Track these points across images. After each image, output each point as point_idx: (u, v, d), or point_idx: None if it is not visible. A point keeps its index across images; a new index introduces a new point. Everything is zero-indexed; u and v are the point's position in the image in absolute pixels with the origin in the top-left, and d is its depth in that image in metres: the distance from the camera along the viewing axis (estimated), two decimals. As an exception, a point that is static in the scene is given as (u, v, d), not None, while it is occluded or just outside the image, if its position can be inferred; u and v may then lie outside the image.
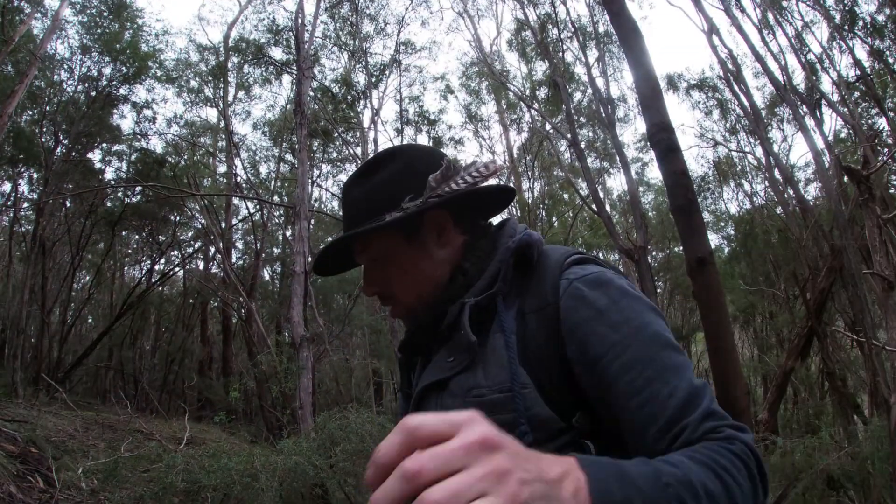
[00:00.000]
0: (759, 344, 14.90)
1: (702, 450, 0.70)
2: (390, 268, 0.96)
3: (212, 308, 16.78)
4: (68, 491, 4.71)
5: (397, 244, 0.94)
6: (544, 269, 0.90)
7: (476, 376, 0.87)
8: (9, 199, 14.07)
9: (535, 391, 0.83)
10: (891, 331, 5.11)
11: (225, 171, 15.60)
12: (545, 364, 0.84)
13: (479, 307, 0.89)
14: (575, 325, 0.82)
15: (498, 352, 0.86)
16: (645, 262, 8.11)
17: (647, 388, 0.76)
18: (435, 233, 0.96)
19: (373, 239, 0.95)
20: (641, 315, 0.81)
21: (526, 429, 0.81)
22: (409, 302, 0.96)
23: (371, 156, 1.01)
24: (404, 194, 0.93)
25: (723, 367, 1.77)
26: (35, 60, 9.91)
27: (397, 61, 13.77)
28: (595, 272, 0.86)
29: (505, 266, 0.91)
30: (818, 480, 5.56)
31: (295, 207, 9.00)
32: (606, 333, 0.80)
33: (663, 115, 1.89)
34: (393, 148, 1.00)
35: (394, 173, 0.95)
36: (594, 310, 0.82)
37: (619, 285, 0.85)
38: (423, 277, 0.95)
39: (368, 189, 0.95)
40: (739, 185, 15.92)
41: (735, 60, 10.84)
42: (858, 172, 5.70)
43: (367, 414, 6.32)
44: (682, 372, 0.78)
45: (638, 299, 0.84)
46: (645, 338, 0.79)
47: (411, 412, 0.96)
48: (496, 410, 0.82)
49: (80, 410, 8.21)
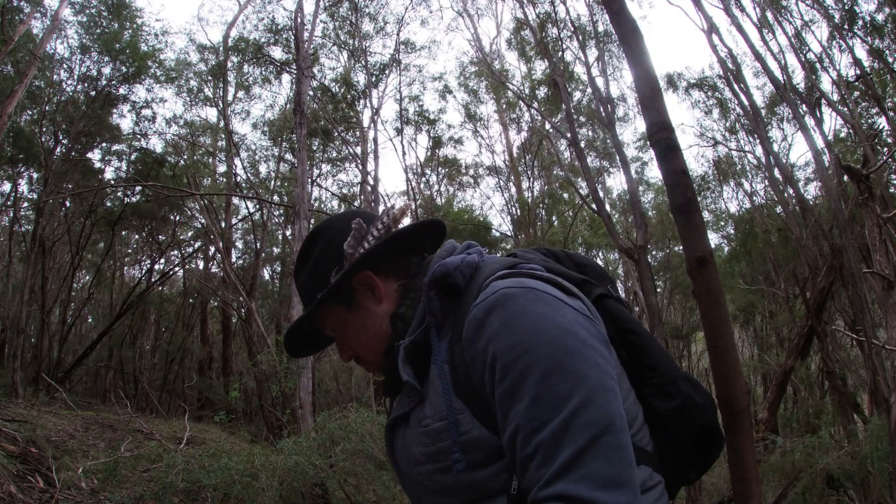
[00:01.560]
0: (758, 343, 14.91)
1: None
2: (346, 335, 1.05)
3: (212, 308, 16.78)
4: (68, 491, 4.71)
5: (341, 314, 1.03)
6: (469, 293, 0.90)
7: (424, 408, 0.90)
8: (9, 198, 14.08)
9: (470, 415, 0.83)
10: (891, 330, 5.11)
11: (225, 171, 15.61)
12: (470, 391, 0.84)
13: (416, 345, 0.91)
14: (473, 356, 0.82)
15: (435, 383, 0.88)
16: (645, 262, 8.11)
17: (515, 420, 0.74)
18: (368, 292, 1.02)
19: (323, 315, 1.04)
20: (532, 337, 0.76)
21: (459, 455, 0.82)
22: (373, 359, 1.04)
23: (302, 242, 1.11)
24: (330, 271, 1.01)
25: (722, 367, 1.77)
26: (34, 60, 9.90)
27: (397, 60, 13.76)
28: (497, 291, 0.82)
29: (430, 300, 0.91)
30: (818, 479, 5.56)
31: (294, 207, 9.00)
32: (493, 362, 0.78)
33: (663, 115, 1.89)
34: (314, 229, 1.08)
35: (318, 255, 1.04)
36: (486, 338, 0.79)
37: (518, 304, 0.79)
38: (373, 334, 1.01)
39: (304, 276, 1.06)
40: (739, 185, 15.93)
41: (735, 59, 10.83)
42: (858, 171, 5.70)
43: (367, 413, 6.33)
44: (560, 405, 0.71)
45: (538, 317, 0.78)
46: (526, 365, 0.74)
47: (387, 444, 1.04)
48: (438, 438, 0.86)
49: (80, 410, 8.21)
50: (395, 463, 1.02)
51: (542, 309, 0.79)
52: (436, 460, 0.87)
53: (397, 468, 1.02)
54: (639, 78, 1.97)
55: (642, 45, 2.00)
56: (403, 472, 0.99)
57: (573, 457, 0.67)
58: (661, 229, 16.26)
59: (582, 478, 0.66)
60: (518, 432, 0.72)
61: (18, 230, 14.24)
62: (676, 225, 1.86)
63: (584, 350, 0.76)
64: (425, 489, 0.92)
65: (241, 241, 17.76)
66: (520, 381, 0.74)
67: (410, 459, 0.93)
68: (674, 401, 0.90)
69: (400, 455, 0.99)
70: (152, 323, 18.29)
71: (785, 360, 8.64)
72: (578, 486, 0.66)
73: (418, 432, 0.90)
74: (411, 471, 0.94)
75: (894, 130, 9.34)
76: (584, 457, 0.67)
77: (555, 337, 0.75)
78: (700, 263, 1.78)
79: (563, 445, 0.68)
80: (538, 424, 0.70)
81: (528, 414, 0.72)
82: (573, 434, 0.68)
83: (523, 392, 0.73)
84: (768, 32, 10.49)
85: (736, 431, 1.75)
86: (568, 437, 0.68)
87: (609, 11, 2.15)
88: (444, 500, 0.90)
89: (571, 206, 16.44)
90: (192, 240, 16.84)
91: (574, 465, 0.67)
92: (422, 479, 0.91)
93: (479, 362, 0.80)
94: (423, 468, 0.90)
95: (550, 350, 0.74)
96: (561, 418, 0.70)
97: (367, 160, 13.80)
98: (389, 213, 1.01)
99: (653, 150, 1.90)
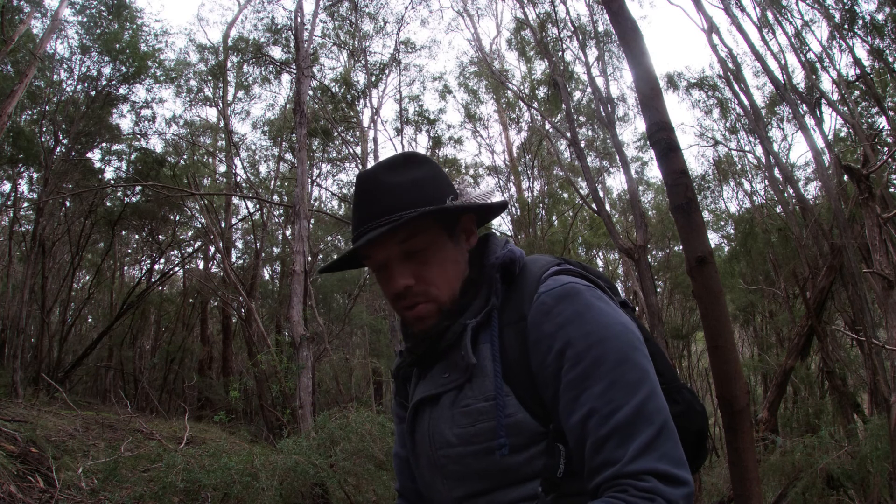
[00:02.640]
0: (758, 343, 14.90)
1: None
2: (430, 260, 0.93)
3: (212, 308, 16.78)
4: (68, 491, 4.71)
5: (442, 238, 0.95)
6: (524, 282, 0.93)
7: (464, 390, 0.90)
8: (9, 198, 14.08)
9: (514, 399, 0.86)
10: (891, 330, 5.11)
11: (225, 171, 15.61)
12: (519, 374, 0.87)
13: (478, 325, 0.92)
14: (539, 338, 0.85)
15: (484, 363, 0.89)
16: (645, 261, 8.11)
17: (589, 403, 0.78)
18: (464, 236, 0.99)
19: (420, 228, 0.92)
20: (602, 329, 0.82)
21: (503, 438, 0.84)
22: (444, 299, 0.94)
23: (394, 154, 1.00)
24: (443, 193, 0.95)
25: (722, 366, 1.77)
26: (34, 60, 9.90)
27: (397, 60, 13.76)
28: (564, 284, 0.87)
29: (495, 282, 0.94)
30: (818, 479, 5.56)
31: (294, 207, 9.00)
32: (564, 347, 0.82)
33: (663, 115, 1.89)
34: (416, 153, 1.00)
35: (430, 174, 0.96)
36: (556, 324, 0.84)
37: (586, 298, 0.85)
38: (455, 275, 0.96)
39: (414, 180, 0.94)
40: (739, 184, 15.93)
41: (735, 59, 10.83)
42: (858, 171, 5.69)
43: (367, 413, 6.32)
44: (633, 391, 0.78)
45: (604, 312, 0.84)
46: (601, 353, 0.80)
47: (408, 424, 1.01)
48: (480, 419, 0.87)
49: (80, 410, 8.20)
50: (414, 444, 1.00)
51: (605, 306, 0.86)
52: (471, 442, 0.88)
53: (414, 450, 1.01)
54: (639, 78, 1.97)
55: (642, 45, 2.00)
56: (422, 454, 0.98)
57: (651, 439, 0.74)
58: (661, 229, 16.26)
59: (662, 456, 0.74)
60: (592, 414, 0.77)
61: (18, 230, 14.24)
62: (676, 225, 1.86)
63: (640, 347, 0.84)
64: (448, 473, 0.92)
65: (241, 241, 17.79)
66: (593, 367, 0.79)
67: (438, 441, 0.93)
68: (678, 406, 0.94)
69: (421, 436, 0.98)
70: (152, 323, 18.29)
71: (785, 360, 8.64)
72: (661, 463, 0.73)
73: (455, 412, 0.90)
74: (434, 453, 0.93)
75: (894, 130, 9.34)
76: (659, 439, 0.75)
77: (621, 332, 0.82)
78: (700, 263, 1.78)
79: (639, 428, 0.75)
80: (614, 408, 0.76)
81: (604, 398, 0.77)
82: (647, 418, 0.75)
83: (598, 377, 0.79)
84: (768, 32, 10.50)
85: (736, 431, 1.75)
86: (643, 421, 0.75)
87: (609, 11, 2.15)
88: (465, 484, 0.90)
89: (571, 206, 16.45)
90: (192, 240, 16.85)
91: (653, 445, 0.74)
92: (446, 463, 0.91)
93: (545, 346, 0.84)
94: (452, 450, 0.90)
95: (619, 343, 0.81)
96: (634, 404, 0.76)
97: (367, 160, 13.80)
98: (491, 189, 1.02)
99: (653, 149, 1.90)
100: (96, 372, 15.51)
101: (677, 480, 0.73)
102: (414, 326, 0.97)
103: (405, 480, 1.13)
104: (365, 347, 17.94)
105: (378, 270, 0.97)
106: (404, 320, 1.00)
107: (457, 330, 0.92)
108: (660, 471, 0.73)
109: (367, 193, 0.94)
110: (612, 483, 0.75)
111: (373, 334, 16.56)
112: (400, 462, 1.14)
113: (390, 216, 0.90)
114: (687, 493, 0.74)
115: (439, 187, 0.95)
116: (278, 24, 12.55)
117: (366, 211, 0.93)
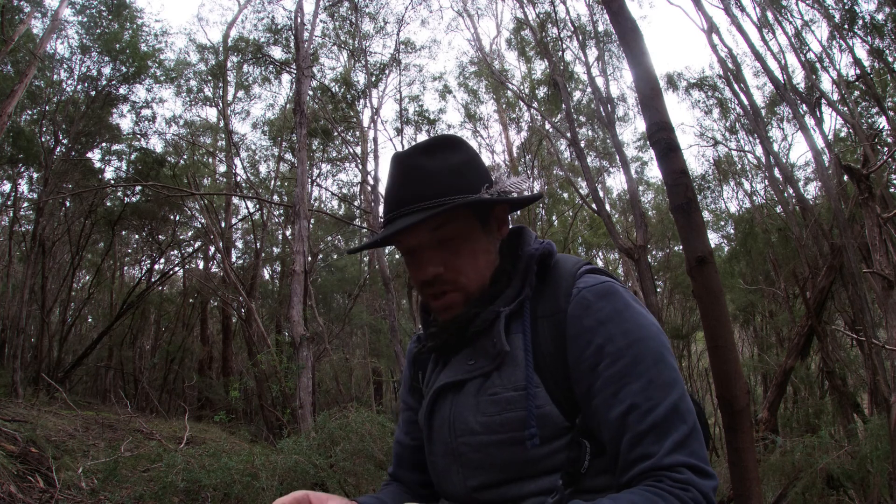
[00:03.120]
0: (758, 343, 14.89)
1: (650, 495, 0.74)
2: (460, 249, 0.92)
3: (212, 308, 16.78)
4: (68, 491, 4.71)
5: (475, 228, 0.94)
6: (558, 276, 0.93)
7: (491, 378, 0.90)
8: (9, 198, 14.08)
9: (544, 391, 0.87)
10: (891, 330, 5.11)
11: (225, 171, 15.62)
12: (552, 366, 0.88)
13: (510, 314, 0.92)
14: (578, 332, 0.87)
15: (515, 352, 0.89)
16: (644, 261, 8.12)
17: (629, 399, 0.81)
18: (496, 224, 0.98)
19: (453, 216, 0.91)
20: (640, 329, 0.85)
21: (534, 428, 0.85)
22: (472, 289, 0.93)
23: (431, 137, 0.98)
24: (478, 181, 0.93)
25: (722, 366, 1.77)
26: (34, 60, 9.90)
27: (397, 60, 13.75)
28: (604, 282, 0.90)
29: (531, 272, 0.94)
30: (818, 479, 5.56)
31: (294, 207, 9.00)
32: (604, 343, 0.84)
33: (663, 115, 1.89)
34: (453, 136, 0.98)
35: (466, 160, 0.94)
36: (596, 319, 0.86)
37: (625, 298, 0.88)
38: (486, 265, 0.94)
39: (449, 165, 0.92)
40: (739, 184, 15.93)
41: (735, 59, 10.83)
42: (858, 171, 5.69)
43: (367, 413, 6.32)
44: (669, 390, 0.81)
45: (640, 313, 0.87)
46: (639, 352, 0.83)
47: (427, 410, 0.99)
48: (507, 408, 0.87)
49: (80, 410, 8.20)
50: (431, 431, 0.99)
51: (641, 308, 0.89)
52: (496, 431, 0.88)
53: (430, 437, 0.99)
54: (639, 78, 1.97)
55: (642, 45, 2.00)
56: (439, 441, 0.96)
57: (684, 436, 0.78)
58: (661, 229, 16.27)
59: (693, 453, 0.78)
60: (632, 410, 0.80)
61: (18, 230, 14.24)
62: (676, 225, 1.86)
63: (670, 349, 0.87)
64: (466, 462, 0.91)
65: (241, 240, 17.79)
66: (633, 365, 0.82)
67: (459, 428, 0.92)
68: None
69: (440, 423, 0.96)
70: (152, 323, 18.29)
71: (785, 360, 8.64)
72: (693, 458, 0.78)
73: (481, 400, 0.90)
74: (453, 440, 0.93)
75: (894, 130, 9.34)
76: (690, 437, 0.79)
77: (656, 333, 0.86)
78: (700, 263, 1.78)
79: (675, 426, 0.79)
80: (652, 405, 0.79)
81: (642, 394, 0.80)
82: (681, 417, 0.79)
83: (637, 375, 0.81)
84: (768, 32, 10.50)
85: (736, 431, 1.75)
86: (678, 419, 0.79)
87: (609, 11, 2.15)
88: (482, 474, 0.90)
89: (571, 206, 16.44)
90: (192, 240, 16.85)
91: (685, 442, 0.78)
92: (466, 451, 0.91)
93: (584, 340, 0.86)
94: (474, 438, 0.90)
95: (655, 344, 0.84)
96: (670, 402, 0.80)
97: (367, 160, 13.82)
98: (523, 179, 1.01)
99: (653, 149, 1.90)
100: (96, 372, 15.52)
101: (708, 474, 0.78)
102: (440, 315, 0.96)
103: (402, 469, 1.11)
104: (365, 347, 17.94)
105: (408, 254, 0.96)
106: (430, 308, 0.99)
107: (487, 317, 0.91)
108: (693, 464, 0.77)
109: (401, 177, 0.92)
110: (648, 474, 0.78)
111: (373, 334, 16.56)
112: (401, 449, 1.12)
113: (424, 203, 0.89)
114: (715, 486, 0.78)
115: (475, 174, 0.94)
116: (278, 24, 12.57)
117: (399, 195, 0.92)
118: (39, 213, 11.63)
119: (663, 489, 0.75)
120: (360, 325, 17.19)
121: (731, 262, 14.62)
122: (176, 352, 16.02)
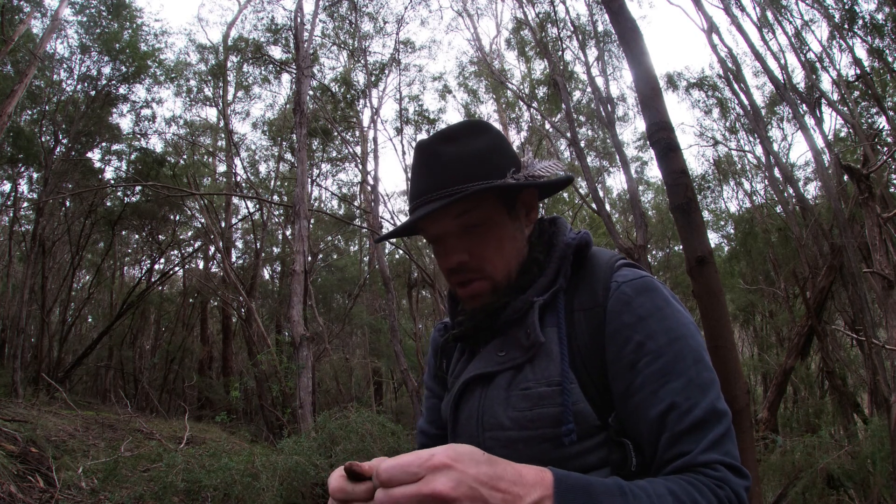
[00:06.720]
0: (758, 343, 14.90)
1: (687, 485, 0.73)
2: (487, 237, 0.90)
3: (212, 307, 16.79)
4: (68, 490, 4.71)
5: (500, 214, 0.92)
6: (595, 268, 0.91)
7: (524, 371, 0.88)
8: (9, 198, 14.07)
9: (578, 387, 0.84)
10: (891, 329, 5.11)
11: (225, 171, 15.61)
12: (588, 362, 0.86)
13: (543, 305, 0.90)
14: (618, 328, 0.84)
15: (551, 347, 0.87)
16: (645, 261, 8.11)
17: (670, 398, 0.80)
18: (524, 210, 0.96)
19: (479, 202, 0.89)
20: (680, 327, 0.83)
21: (571, 424, 0.82)
22: (499, 278, 0.91)
23: (456, 122, 0.95)
24: (504, 166, 0.91)
25: (723, 366, 1.77)
26: (34, 60, 9.90)
27: (396, 60, 13.75)
28: (643, 277, 0.88)
29: (566, 263, 0.92)
30: (818, 479, 5.56)
31: (294, 206, 9.00)
32: (644, 340, 0.82)
33: (663, 114, 1.89)
34: (479, 121, 0.95)
35: (492, 145, 0.92)
36: (637, 316, 0.83)
37: (664, 295, 0.86)
38: (514, 253, 0.92)
39: (474, 151, 0.89)
40: (739, 184, 15.94)
41: (735, 59, 10.83)
42: (858, 171, 5.69)
43: (368, 413, 6.33)
44: (707, 391, 0.80)
45: (680, 311, 0.86)
46: (679, 350, 0.81)
47: (453, 402, 0.97)
48: (540, 404, 0.84)
49: (80, 410, 8.20)
50: (457, 424, 0.96)
51: (679, 305, 0.88)
52: (526, 427, 0.85)
53: (455, 430, 0.96)
54: (639, 78, 1.97)
55: (642, 45, 2.00)
56: (464, 435, 0.93)
57: (720, 436, 0.79)
58: (661, 229, 16.27)
59: (726, 452, 0.78)
60: (673, 409, 0.79)
61: (18, 230, 14.25)
62: (676, 225, 1.86)
63: (706, 348, 0.86)
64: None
65: (241, 240, 17.78)
66: (674, 363, 0.81)
67: (488, 422, 0.89)
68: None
69: (468, 416, 0.93)
70: (152, 323, 18.29)
71: (785, 360, 8.64)
72: (728, 457, 0.78)
73: (512, 394, 0.87)
74: (480, 434, 0.90)
75: (894, 130, 9.34)
76: (726, 437, 0.79)
77: (695, 332, 0.85)
78: (700, 263, 1.78)
79: (712, 425, 0.79)
80: (692, 405, 0.79)
81: (683, 394, 0.79)
82: (718, 417, 0.79)
83: (677, 373, 0.80)
84: (768, 32, 10.51)
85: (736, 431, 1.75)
86: (715, 419, 0.79)
87: (609, 11, 2.15)
88: None
89: (571, 206, 16.44)
90: (192, 240, 16.85)
91: (721, 442, 0.78)
92: (493, 446, 0.88)
93: (623, 336, 0.83)
94: (503, 434, 0.87)
95: (695, 342, 0.83)
96: (708, 402, 0.79)
97: (367, 160, 13.81)
98: (554, 163, 0.99)
99: (653, 149, 1.90)
100: (96, 372, 15.52)
101: (743, 473, 0.78)
102: (466, 304, 0.95)
103: None
104: (365, 347, 17.94)
105: (434, 243, 0.94)
106: (457, 296, 0.97)
107: (519, 307, 0.89)
108: (728, 462, 0.77)
109: (425, 164, 0.90)
110: (684, 471, 0.78)
111: (373, 334, 16.55)
112: (425, 439, 1.09)
113: (446, 189, 0.87)
114: (748, 485, 0.78)
115: (501, 159, 0.91)
116: (278, 24, 12.57)
117: (422, 183, 0.90)
118: (39, 213, 11.63)
119: (700, 482, 0.74)
120: (360, 325, 17.19)
121: (731, 262, 14.62)
122: (176, 352, 16.03)
